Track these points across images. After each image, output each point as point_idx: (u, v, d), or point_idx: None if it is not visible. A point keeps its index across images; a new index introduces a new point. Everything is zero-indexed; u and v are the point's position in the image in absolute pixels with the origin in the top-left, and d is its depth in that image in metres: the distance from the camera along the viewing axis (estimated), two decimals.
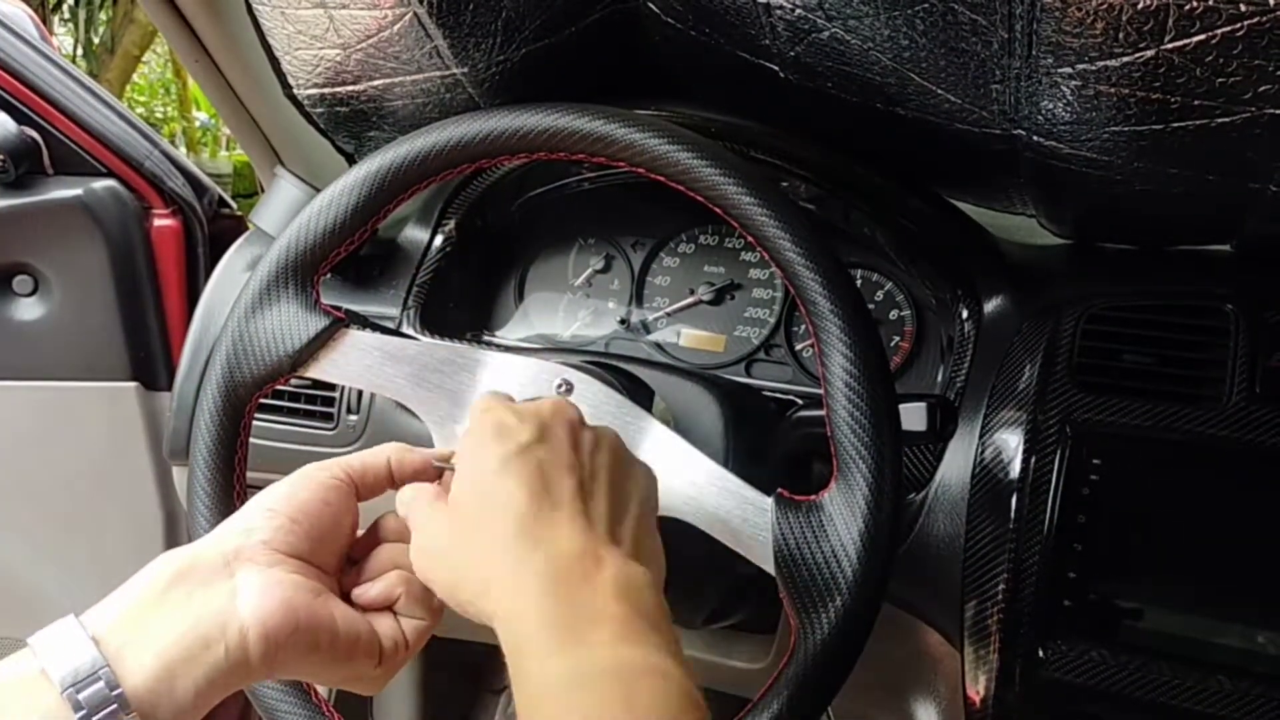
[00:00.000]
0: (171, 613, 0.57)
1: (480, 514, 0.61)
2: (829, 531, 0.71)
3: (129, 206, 1.39)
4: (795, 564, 0.71)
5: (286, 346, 0.80)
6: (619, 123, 0.78)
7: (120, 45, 8.56)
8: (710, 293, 1.19)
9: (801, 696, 0.69)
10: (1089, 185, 0.87)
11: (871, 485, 0.70)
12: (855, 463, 0.71)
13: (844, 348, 0.73)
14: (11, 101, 1.32)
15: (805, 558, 0.70)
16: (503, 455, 0.62)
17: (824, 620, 0.70)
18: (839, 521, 0.71)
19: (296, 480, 0.66)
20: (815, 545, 0.71)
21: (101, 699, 0.52)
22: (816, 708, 0.70)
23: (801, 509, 0.72)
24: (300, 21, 0.96)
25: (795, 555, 0.71)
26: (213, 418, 0.82)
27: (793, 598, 0.71)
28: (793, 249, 0.74)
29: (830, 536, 0.70)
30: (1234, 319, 0.88)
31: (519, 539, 0.58)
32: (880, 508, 0.70)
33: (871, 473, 0.71)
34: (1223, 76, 0.66)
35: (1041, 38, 0.70)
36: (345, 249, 0.83)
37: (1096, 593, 0.85)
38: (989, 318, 0.99)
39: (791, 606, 0.71)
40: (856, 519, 0.70)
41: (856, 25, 0.79)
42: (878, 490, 0.70)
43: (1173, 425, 0.86)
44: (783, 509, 0.72)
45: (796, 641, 0.71)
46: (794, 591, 0.71)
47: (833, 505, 0.71)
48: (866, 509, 0.70)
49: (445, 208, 1.17)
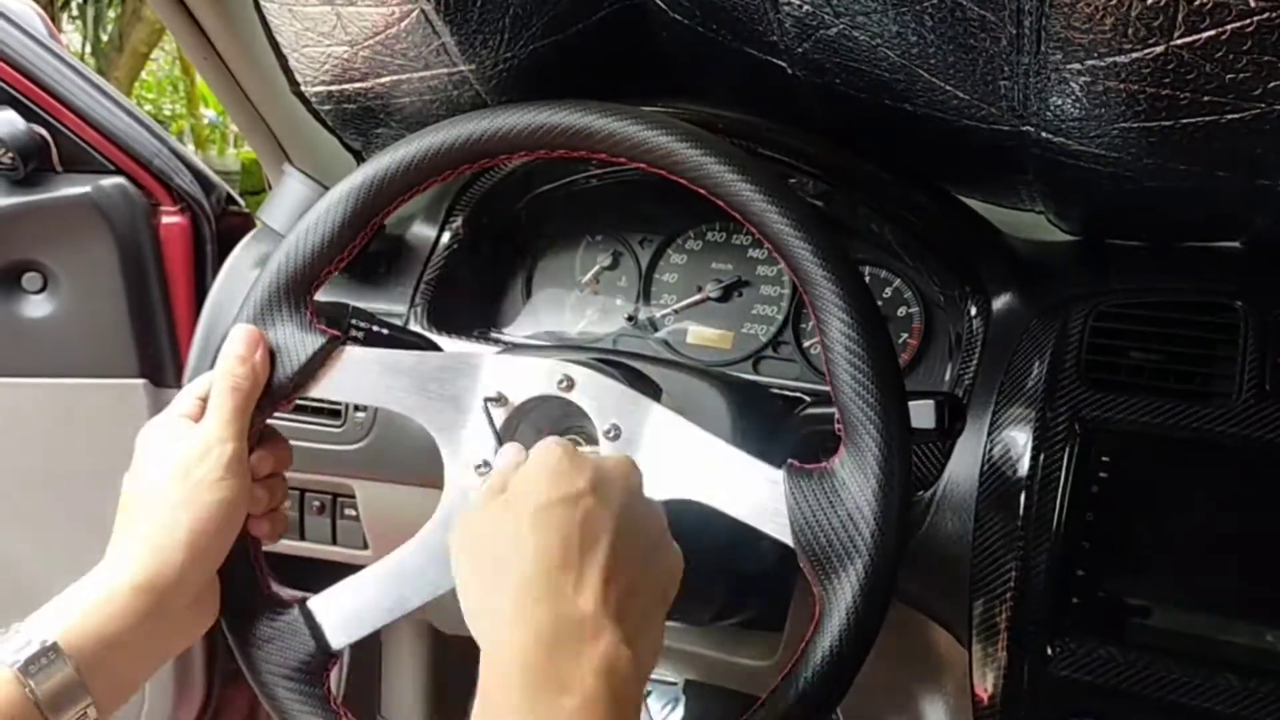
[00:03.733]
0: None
1: (513, 550, 0.62)
2: (843, 495, 0.70)
3: (137, 204, 1.38)
4: (813, 531, 0.70)
5: (286, 370, 0.81)
6: (626, 120, 0.78)
7: (128, 43, 8.58)
8: (718, 290, 1.19)
9: (833, 665, 0.69)
10: (1098, 182, 0.87)
11: (880, 445, 0.70)
12: (862, 424, 0.71)
13: (841, 313, 0.72)
14: (20, 99, 1.32)
15: (822, 523, 0.70)
16: (551, 499, 0.63)
17: (848, 584, 0.69)
18: (852, 484, 0.70)
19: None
20: (831, 510, 0.70)
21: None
22: (848, 676, 0.70)
23: (814, 476, 0.72)
24: (308, 18, 0.96)
25: (812, 522, 0.71)
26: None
27: (813, 566, 0.71)
28: (789, 230, 0.74)
29: (845, 499, 0.70)
30: (1243, 316, 0.88)
31: (536, 584, 0.59)
32: (891, 466, 0.70)
33: (879, 432, 0.71)
34: (1232, 72, 0.66)
35: (1050, 33, 0.70)
36: (337, 266, 0.83)
37: (1105, 590, 0.85)
38: (997, 315, 0.98)
39: (813, 575, 0.71)
40: (869, 480, 0.70)
41: (864, 21, 0.79)
42: (887, 449, 0.70)
43: (1182, 422, 0.85)
44: (795, 478, 0.72)
45: (821, 611, 0.70)
46: (814, 559, 0.70)
47: (844, 469, 0.71)
48: (879, 469, 0.70)
49: (453, 205, 1.17)
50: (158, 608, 0.71)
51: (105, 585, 0.71)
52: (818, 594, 0.71)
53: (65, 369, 1.41)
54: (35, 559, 1.50)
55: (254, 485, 0.78)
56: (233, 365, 0.78)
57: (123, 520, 0.75)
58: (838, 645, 0.69)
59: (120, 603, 0.70)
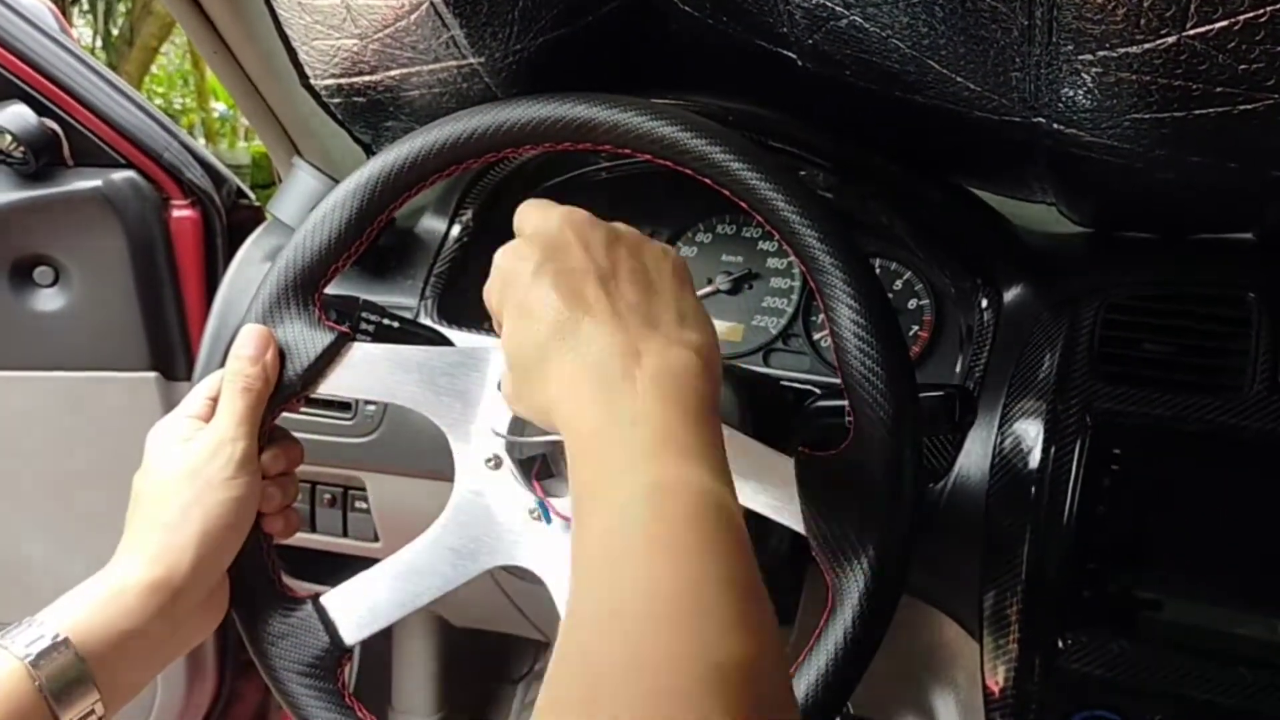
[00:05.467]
0: None
1: (528, 326, 0.63)
2: (854, 482, 0.70)
3: (148, 197, 1.39)
4: (824, 518, 0.70)
5: (295, 368, 0.81)
6: (633, 112, 0.78)
7: (139, 37, 8.61)
8: (728, 282, 1.19)
9: (848, 651, 0.69)
10: (1109, 173, 0.86)
11: (892, 431, 0.70)
12: (873, 409, 0.71)
13: (849, 299, 0.72)
14: (31, 93, 1.33)
15: (834, 511, 0.70)
16: (525, 279, 0.64)
17: (860, 570, 0.69)
18: (863, 471, 0.70)
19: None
20: (841, 497, 0.70)
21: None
22: (863, 662, 0.70)
23: (824, 463, 0.72)
24: (317, 11, 0.96)
25: (823, 510, 0.71)
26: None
27: (825, 553, 0.70)
28: (799, 221, 0.74)
29: (856, 486, 0.70)
30: (1256, 308, 0.88)
31: (558, 344, 0.60)
32: (903, 453, 0.70)
33: (890, 419, 0.70)
34: (1245, 63, 0.65)
35: (1062, 24, 0.70)
36: (346, 262, 0.83)
37: (1116, 584, 0.85)
38: (1008, 307, 0.98)
39: (824, 562, 0.71)
40: (880, 465, 0.70)
41: (875, 12, 0.79)
42: (898, 436, 0.70)
43: (1194, 415, 0.85)
44: (805, 466, 0.72)
45: (833, 599, 0.70)
46: (826, 547, 0.70)
47: (855, 456, 0.71)
48: (889, 454, 0.70)
49: (463, 197, 1.17)
50: (169, 606, 0.71)
51: (117, 582, 0.71)
52: (830, 582, 0.71)
53: (77, 362, 1.41)
54: (46, 550, 1.51)
55: (266, 483, 0.78)
56: (244, 366, 0.78)
57: (134, 518, 0.75)
58: (852, 631, 0.69)
59: (131, 600, 0.70)
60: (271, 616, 0.80)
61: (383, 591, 0.80)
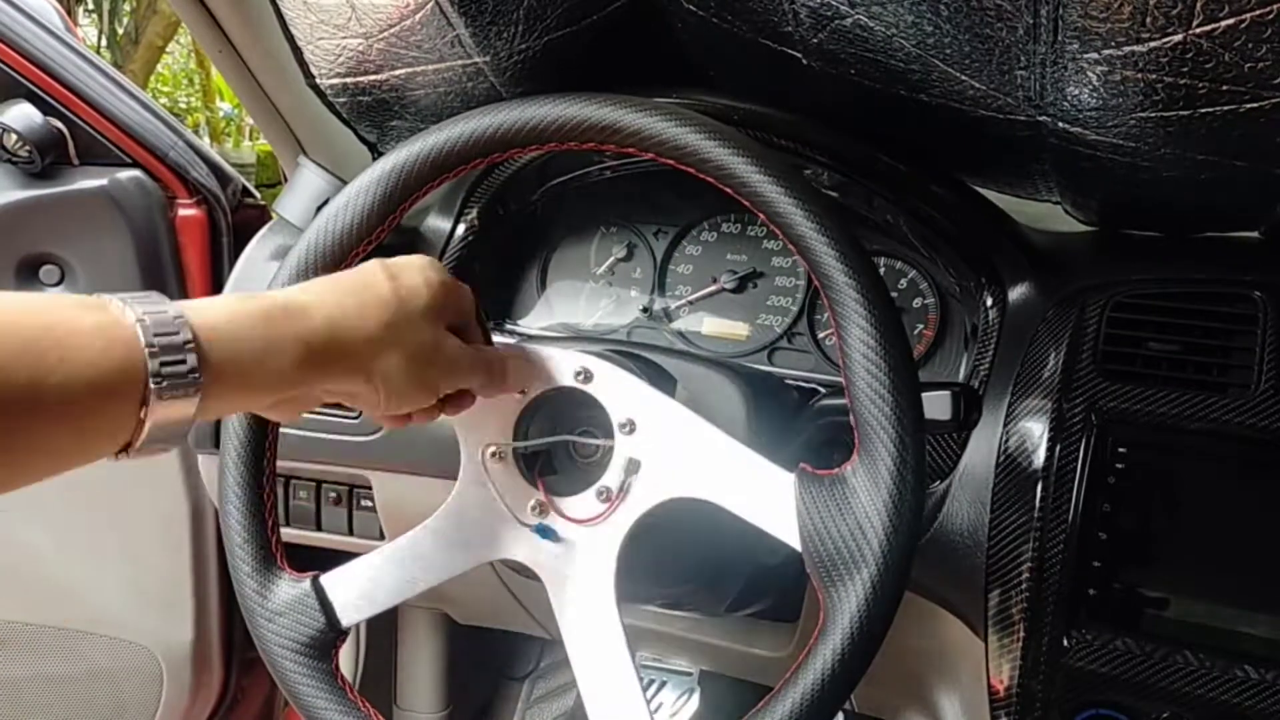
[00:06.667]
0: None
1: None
2: (853, 504, 0.70)
3: (154, 196, 1.39)
4: (820, 538, 0.70)
5: None
6: (638, 112, 0.78)
7: (144, 36, 8.62)
8: (733, 281, 1.19)
9: (831, 674, 0.69)
10: (1115, 172, 0.86)
11: (895, 456, 0.70)
12: (877, 433, 0.71)
13: (860, 319, 0.72)
14: (37, 92, 1.33)
15: (830, 532, 0.70)
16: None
17: (851, 595, 0.69)
18: (863, 494, 0.70)
19: None
20: (840, 519, 0.70)
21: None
22: (847, 685, 0.70)
23: (825, 483, 0.72)
24: (323, 10, 0.97)
25: (820, 529, 0.70)
26: (243, 417, 0.83)
27: (819, 573, 0.70)
28: (805, 223, 0.74)
29: (855, 509, 0.70)
30: (1262, 306, 0.87)
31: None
32: (904, 478, 0.70)
33: (894, 443, 0.70)
34: (1251, 61, 0.65)
35: (1067, 23, 0.70)
36: (365, 248, 0.83)
37: (1121, 582, 0.85)
38: (1013, 305, 0.98)
39: (818, 581, 0.71)
40: (880, 491, 0.70)
41: (880, 11, 0.79)
42: (901, 461, 0.70)
43: (1199, 414, 0.85)
44: (806, 484, 0.72)
45: (825, 619, 0.70)
46: (820, 566, 0.70)
47: (856, 478, 0.71)
48: (890, 480, 0.70)
49: (468, 197, 1.17)
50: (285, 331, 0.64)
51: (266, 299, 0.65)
52: (823, 600, 0.71)
53: None
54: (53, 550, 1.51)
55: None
56: None
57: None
58: (840, 653, 0.69)
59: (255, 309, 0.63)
60: (270, 593, 0.81)
61: (381, 575, 0.81)
